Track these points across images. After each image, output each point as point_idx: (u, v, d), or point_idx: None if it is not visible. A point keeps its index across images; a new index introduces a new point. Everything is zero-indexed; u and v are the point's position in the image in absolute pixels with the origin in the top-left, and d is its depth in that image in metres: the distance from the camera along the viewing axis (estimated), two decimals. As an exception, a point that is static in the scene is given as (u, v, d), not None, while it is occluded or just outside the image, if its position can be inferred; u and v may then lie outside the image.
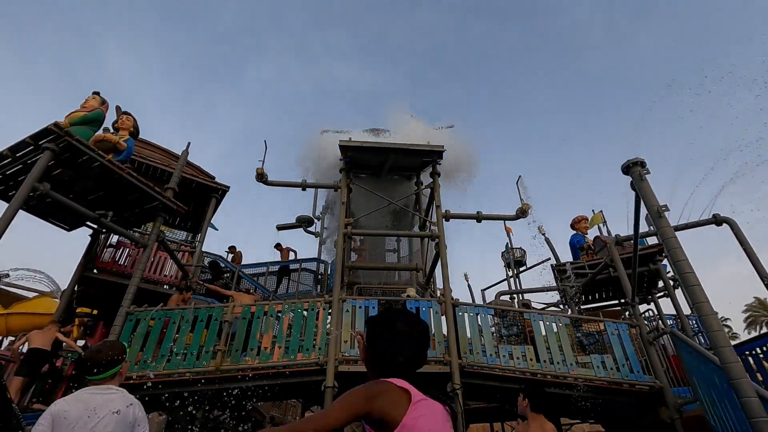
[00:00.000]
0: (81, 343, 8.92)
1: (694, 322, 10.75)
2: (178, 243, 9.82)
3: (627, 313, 9.40)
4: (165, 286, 8.75)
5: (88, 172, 6.93)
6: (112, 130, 7.91)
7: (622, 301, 10.29)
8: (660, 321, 10.08)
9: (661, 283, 10.32)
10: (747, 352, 6.57)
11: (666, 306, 13.96)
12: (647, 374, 6.75)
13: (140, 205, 7.71)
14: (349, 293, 8.18)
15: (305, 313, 7.04)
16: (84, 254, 8.42)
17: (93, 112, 7.40)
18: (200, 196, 9.80)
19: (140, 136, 8.44)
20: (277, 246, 14.65)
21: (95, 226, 8.14)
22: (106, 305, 9.04)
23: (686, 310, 9.48)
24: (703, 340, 9.98)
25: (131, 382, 6.32)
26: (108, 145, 7.39)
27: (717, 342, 4.03)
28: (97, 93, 7.52)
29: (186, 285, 8.15)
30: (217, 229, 13.69)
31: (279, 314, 7.00)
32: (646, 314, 10.54)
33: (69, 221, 7.80)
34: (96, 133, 7.46)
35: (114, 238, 9.13)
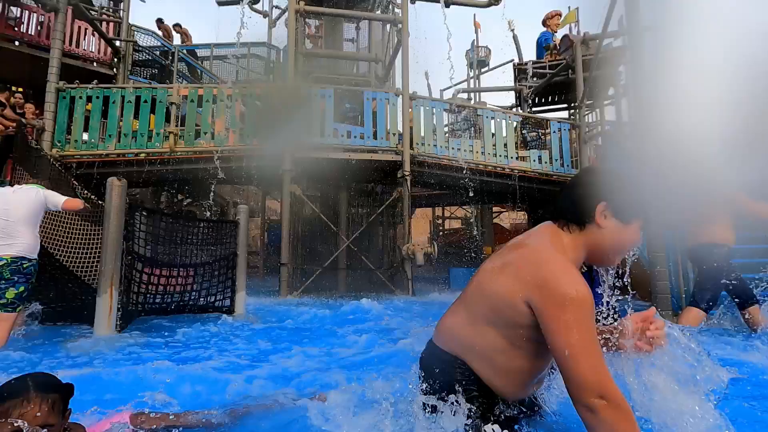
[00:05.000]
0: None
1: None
2: (98, 10, 8.28)
3: (572, 114, 9.89)
4: (94, 63, 7.80)
5: None
6: None
7: (572, 105, 10.66)
8: (600, 127, 10.80)
9: (611, 91, 10.63)
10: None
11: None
12: (575, 168, 7.61)
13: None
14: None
15: (258, 103, 6.80)
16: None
17: None
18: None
19: None
20: (159, 22, 10.88)
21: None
22: (28, 84, 8.12)
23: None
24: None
25: (83, 160, 6.28)
26: None
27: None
28: None
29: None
30: (144, 0, 11.57)
31: (229, 99, 6.67)
32: (588, 118, 11.15)
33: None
34: None
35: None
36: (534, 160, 7.49)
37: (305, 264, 7.30)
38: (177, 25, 11.43)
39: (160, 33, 10.72)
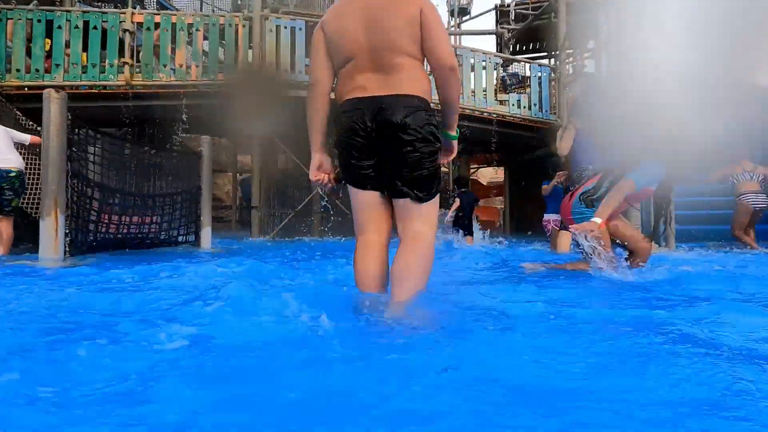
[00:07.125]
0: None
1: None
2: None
3: (554, 64, 9.67)
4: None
5: None
6: None
7: (553, 53, 10.42)
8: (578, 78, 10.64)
9: (591, 44, 10.41)
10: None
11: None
12: (552, 114, 7.50)
13: None
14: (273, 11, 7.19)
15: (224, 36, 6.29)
16: None
17: None
18: None
19: None
20: None
21: None
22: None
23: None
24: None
25: (28, 92, 5.71)
26: None
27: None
28: None
29: None
30: None
31: (190, 28, 6.13)
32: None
33: None
34: None
35: None
36: (513, 105, 7.32)
37: (278, 208, 7.08)
38: None
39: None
